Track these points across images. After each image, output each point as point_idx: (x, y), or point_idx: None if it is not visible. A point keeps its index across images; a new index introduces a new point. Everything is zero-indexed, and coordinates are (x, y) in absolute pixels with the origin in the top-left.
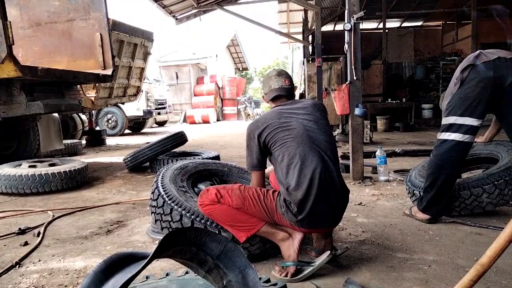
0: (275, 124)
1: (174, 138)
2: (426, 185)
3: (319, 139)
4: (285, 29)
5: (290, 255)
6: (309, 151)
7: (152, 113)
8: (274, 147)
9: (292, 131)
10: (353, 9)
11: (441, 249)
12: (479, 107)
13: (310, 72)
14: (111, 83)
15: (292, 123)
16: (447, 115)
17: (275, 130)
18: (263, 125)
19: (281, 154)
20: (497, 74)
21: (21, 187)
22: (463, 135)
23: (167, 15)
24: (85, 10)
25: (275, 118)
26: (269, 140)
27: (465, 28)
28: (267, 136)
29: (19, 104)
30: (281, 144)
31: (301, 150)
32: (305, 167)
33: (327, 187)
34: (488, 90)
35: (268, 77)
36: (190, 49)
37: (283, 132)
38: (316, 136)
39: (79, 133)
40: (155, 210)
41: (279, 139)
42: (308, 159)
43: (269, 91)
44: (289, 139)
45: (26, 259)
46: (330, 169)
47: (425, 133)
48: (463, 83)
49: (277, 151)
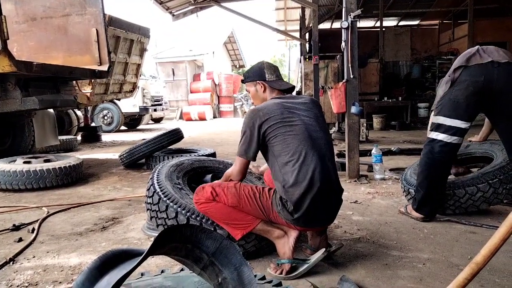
0: (277, 118)
1: (170, 135)
2: (417, 184)
3: (318, 137)
4: (282, 26)
5: (285, 252)
6: (309, 150)
7: (148, 110)
8: (272, 141)
9: (294, 128)
10: (350, 7)
11: (435, 247)
12: (468, 110)
13: (307, 70)
14: (107, 79)
15: (294, 119)
16: (437, 114)
17: (277, 124)
18: (266, 116)
19: (280, 150)
20: (486, 80)
21: (15, 183)
22: (451, 137)
23: (164, 11)
24: (81, 5)
25: (278, 111)
26: (269, 132)
27: (462, 28)
28: (268, 128)
29: (14, 100)
30: (282, 140)
31: (302, 148)
32: (305, 165)
33: (325, 187)
34: (477, 94)
35: (271, 65)
36: (186, 46)
37: (285, 128)
38: (316, 134)
39: (75, 129)
40: (150, 207)
41: (280, 134)
42: (308, 157)
43: (277, 80)
44: (290, 135)
45: (20, 255)
46: (328, 168)
47: (421, 131)
48: (453, 84)
49: (276, 146)
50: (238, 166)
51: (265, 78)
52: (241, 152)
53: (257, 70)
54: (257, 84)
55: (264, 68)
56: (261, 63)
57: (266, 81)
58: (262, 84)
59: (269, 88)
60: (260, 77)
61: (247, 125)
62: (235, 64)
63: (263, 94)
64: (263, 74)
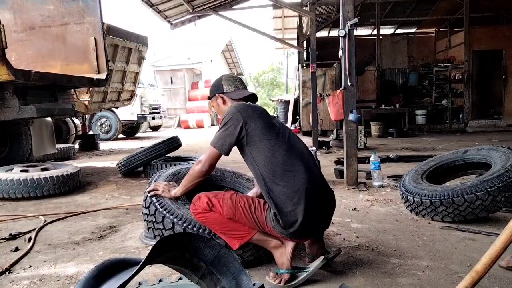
0: (265, 120)
1: (168, 143)
2: None
3: (298, 145)
4: (280, 34)
5: (283, 262)
6: (295, 159)
7: (146, 118)
8: (254, 144)
9: (278, 136)
10: (347, 16)
11: (435, 255)
12: None
13: (304, 77)
14: (105, 87)
15: (277, 127)
16: None
17: (263, 126)
18: (254, 113)
19: (263, 156)
20: None
21: (12, 191)
22: None
23: (162, 20)
24: (80, 14)
25: (265, 115)
26: (252, 133)
27: (458, 35)
28: (252, 128)
29: (11, 108)
30: (266, 147)
31: (288, 159)
32: (293, 178)
33: (315, 197)
34: None
35: (229, 77)
36: (184, 54)
37: (270, 135)
38: (295, 143)
39: (72, 137)
40: (147, 218)
41: (265, 139)
42: (295, 168)
43: (236, 90)
44: (275, 143)
45: (16, 265)
46: (315, 175)
47: (419, 139)
48: None
49: (258, 153)
50: (210, 157)
51: (223, 90)
52: (215, 142)
53: (215, 84)
54: (218, 98)
55: (222, 81)
56: (220, 77)
57: (224, 93)
58: (221, 97)
59: (228, 99)
60: (218, 90)
61: (230, 117)
62: (233, 72)
63: (224, 106)
64: (221, 87)
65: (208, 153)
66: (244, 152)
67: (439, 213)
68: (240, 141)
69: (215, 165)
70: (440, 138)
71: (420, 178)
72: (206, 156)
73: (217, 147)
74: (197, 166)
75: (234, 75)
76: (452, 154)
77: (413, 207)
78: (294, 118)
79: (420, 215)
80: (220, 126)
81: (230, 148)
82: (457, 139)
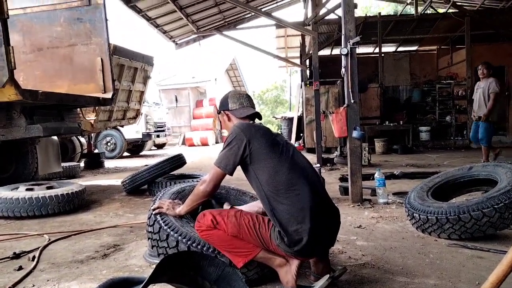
0: (268, 139)
1: (172, 161)
2: None
3: (302, 163)
4: (283, 53)
5: (288, 281)
6: (299, 179)
7: (151, 136)
8: (257, 163)
9: (282, 155)
10: (349, 35)
11: (442, 273)
12: None
13: (308, 95)
14: (111, 106)
15: (280, 145)
16: None
17: (266, 145)
18: (257, 133)
19: (267, 175)
20: None
21: (17, 210)
22: None
23: (167, 40)
24: (87, 36)
25: (268, 133)
26: (256, 152)
27: (460, 53)
28: (256, 147)
29: (18, 127)
30: (270, 166)
31: (291, 177)
32: (298, 198)
33: (320, 215)
34: None
35: (236, 94)
36: (189, 73)
37: (273, 153)
38: (299, 161)
39: (78, 155)
40: (151, 236)
41: (269, 158)
42: (299, 188)
43: (240, 107)
44: (278, 162)
45: (19, 284)
46: (319, 194)
47: (423, 155)
48: None
49: (262, 173)
50: (213, 177)
51: (228, 107)
52: (220, 162)
53: (222, 101)
54: (223, 115)
55: (228, 98)
56: (227, 93)
57: (229, 110)
58: (226, 114)
59: (233, 117)
60: (224, 107)
61: (234, 136)
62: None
63: (229, 123)
64: (227, 104)
65: (212, 173)
66: (247, 171)
67: (446, 230)
68: (244, 160)
69: (220, 185)
70: (445, 154)
71: (425, 195)
72: (211, 176)
73: (221, 167)
74: (201, 186)
75: (241, 92)
76: (458, 171)
77: (419, 224)
78: (298, 135)
79: (427, 232)
80: (224, 146)
81: (234, 168)
82: (462, 155)
